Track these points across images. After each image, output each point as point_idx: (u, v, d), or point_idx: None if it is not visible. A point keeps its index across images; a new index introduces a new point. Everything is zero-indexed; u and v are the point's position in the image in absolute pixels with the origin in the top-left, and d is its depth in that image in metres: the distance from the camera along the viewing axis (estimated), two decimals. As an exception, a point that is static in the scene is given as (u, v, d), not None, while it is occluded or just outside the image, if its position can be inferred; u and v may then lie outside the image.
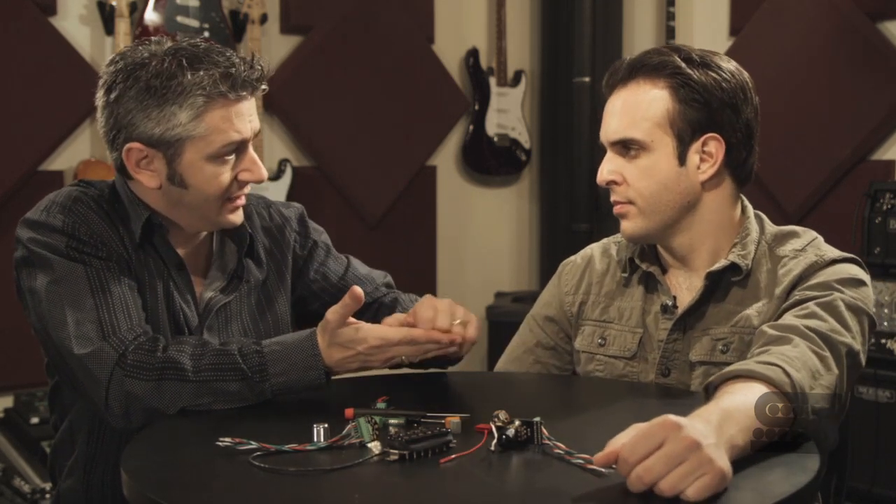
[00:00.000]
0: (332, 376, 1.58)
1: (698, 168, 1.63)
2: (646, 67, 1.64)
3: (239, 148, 1.63)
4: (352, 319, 1.55)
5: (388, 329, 1.55)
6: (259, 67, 1.62)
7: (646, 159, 1.62)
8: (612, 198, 1.67)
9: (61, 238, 1.58)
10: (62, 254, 1.57)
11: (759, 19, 3.91)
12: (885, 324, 3.05)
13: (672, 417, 1.11)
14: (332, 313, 1.53)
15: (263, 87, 1.66)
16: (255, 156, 1.66)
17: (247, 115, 1.62)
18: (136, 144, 1.60)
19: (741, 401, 1.25)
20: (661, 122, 1.61)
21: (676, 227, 1.66)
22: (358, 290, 1.51)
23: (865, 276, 1.61)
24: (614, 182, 1.65)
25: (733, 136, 1.63)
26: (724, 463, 1.10)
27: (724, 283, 1.65)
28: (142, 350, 1.52)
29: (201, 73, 1.57)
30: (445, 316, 1.56)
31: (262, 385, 1.52)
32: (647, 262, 1.72)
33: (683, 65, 1.61)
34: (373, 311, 1.84)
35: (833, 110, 3.69)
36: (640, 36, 4.43)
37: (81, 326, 1.53)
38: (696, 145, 1.62)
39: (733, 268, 1.64)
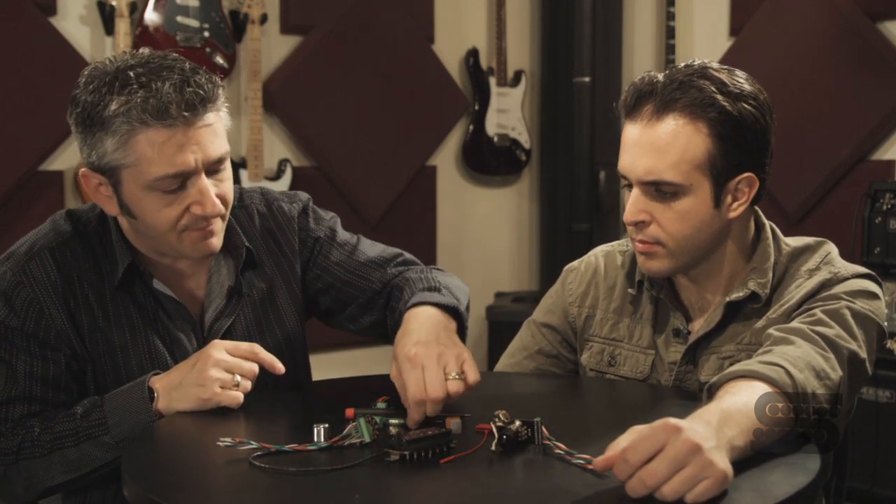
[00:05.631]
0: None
1: (730, 206, 1.57)
2: (682, 101, 1.52)
3: (185, 180, 1.50)
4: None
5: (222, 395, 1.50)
6: (195, 91, 1.46)
7: (682, 203, 1.54)
8: (638, 237, 1.58)
9: None
10: None
11: (759, 19, 3.91)
12: (885, 324, 3.04)
13: (672, 420, 1.11)
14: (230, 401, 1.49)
15: (221, 110, 1.53)
16: (208, 188, 1.51)
17: (190, 144, 1.47)
18: (85, 170, 1.55)
19: (742, 401, 1.24)
20: (700, 165, 1.52)
21: (700, 259, 1.61)
22: (280, 367, 1.52)
23: (878, 290, 1.58)
24: (643, 222, 1.57)
25: (765, 171, 1.58)
26: (725, 465, 1.10)
27: (743, 311, 1.61)
28: (3, 436, 1.53)
29: (123, 98, 1.46)
30: (434, 382, 1.39)
31: (104, 434, 1.51)
32: (657, 286, 1.67)
33: (721, 99, 1.51)
34: (384, 296, 1.75)
35: (833, 110, 3.69)
36: (640, 36, 4.43)
37: None
38: (731, 185, 1.56)
39: (753, 296, 1.60)
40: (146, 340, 1.61)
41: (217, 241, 1.58)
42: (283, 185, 3.77)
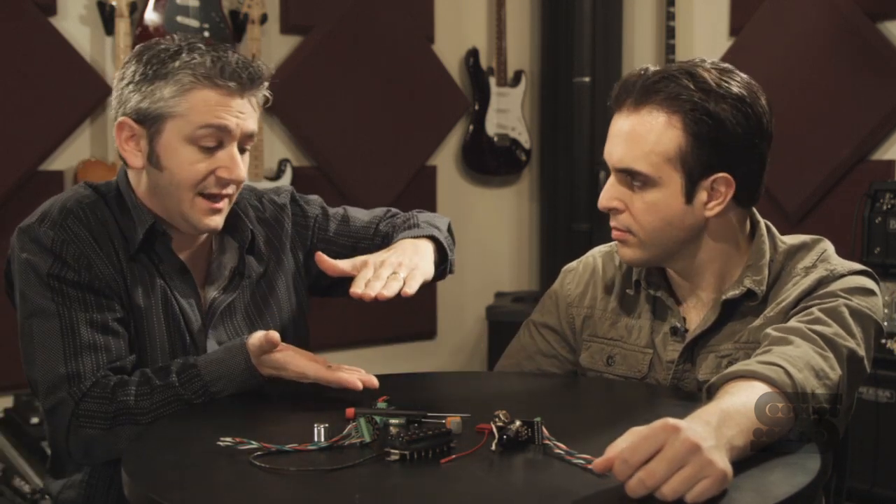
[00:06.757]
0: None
1: (705, 205, 1.57)
2: (661, 95, 1.54)
3: (221, 141, 1.62)
4: (280, 344, 1.59)
5: (307, 366, 1.56)
6: (256, 68, 1.64)
7: (652, 194, 1.56)
8: (613, 223, 1.61)
9: (47, 258, 1.59)
10: (42, 280, 1.58)
11: (759, 19, 3.91)
12: (885, 324, 3.04)
13: (671, 420, 1.11)
14: (255, 345, 1.56)
15: (265, 93, 1.68)
16: (238, 156, 1.64)
17: (235, 110, 1.62)
18: (126, 120, 1.64)
19: (741, 401, 1.24)
20: (671, 158, 1.54)
21: (678, 255, 1.62)
22: (274, 335, 1.55)
23: (875, 287, 1.58)
24: (616, 209, 1.60)
25: (745, 173, 1.57)
26: (724, 465, 1.10)
27: (739, 309, 1.62)
28: (94, 399, 1.55)
29: (192, 55, 1.61)
30: (377, 281, 1.55)
31: (207, 400, 1.57)
32: (653, 285, 1.68)
33: (700, 97, 1.52)
34: (376, 245, 1.86)
35: (833, 110, 3.69)
36: (640, 36, 4.43)
37: (48, 373, 1.57)
38: (706, 183, 1.56)
39: (749, 294, 1.60)
40: (163, 304, 1.66)
41: (220, 220, 1.67)
42: (282, 185, 3.77)
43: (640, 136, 1.55)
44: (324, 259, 1.62)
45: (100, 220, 1.65)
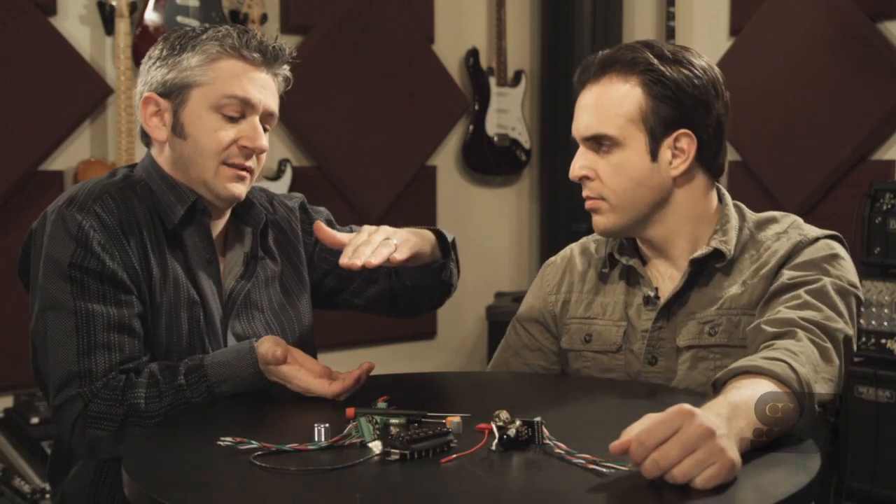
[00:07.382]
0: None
1: (670, 164, 1.65)
2: (618, 64, 1.65)
3: (244, 112, 1.66)
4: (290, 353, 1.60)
5: (311, 382, 1.57)
6: (280, 46, 1.71)
7: (618, 155, 1.64)
8: (585, 193, 1.69)
9: (70, 245, 1.57)
10: (63, 272, 1.57)
11: (759, 19, 3.91)
12: (886, 324, 3.05)
13: (686, 406, 1.13)
14: (264, 355, 1.58)
15: (286, 73, 1.74)
16: (260, 126, 1.68)
17: (259, 84, 1.67)
18: (151, 94, 1.67)
19: (748, 394, 1.26)
20: (633, 118, 1.63)
21: (649, 220, 1.68)
22: (281, 354, 1.56)
23: (844, 252, 1.64)
24: (586, 177, 1.67)
25: (705, 131, 1.65)
26: (734, 454, 1.12)
27: (707, 270, 1.67)
28: (104, 401, 1.54)
29: (219, 30, 1.67)
30: (367, 247, 1.55)
31: (211, 399, 1.58)
32: (626, 255, 1.74)
33: (655, 61, 1.62)
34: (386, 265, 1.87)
35: (833, 110, 3.69)
36: (639, 36, 4.43)
37: (60, 370, 1.56)
38: (668, 141, 1.64)
39: (717, 254, 1.66)
40: (186, 300, 1.66)
41: (244, 189, 1.70)
42: (283, 184, 3.78)
43: (603, 103, 1.65)
44: (322, 228, 1.63)
45: (129, 208, 1.64)
